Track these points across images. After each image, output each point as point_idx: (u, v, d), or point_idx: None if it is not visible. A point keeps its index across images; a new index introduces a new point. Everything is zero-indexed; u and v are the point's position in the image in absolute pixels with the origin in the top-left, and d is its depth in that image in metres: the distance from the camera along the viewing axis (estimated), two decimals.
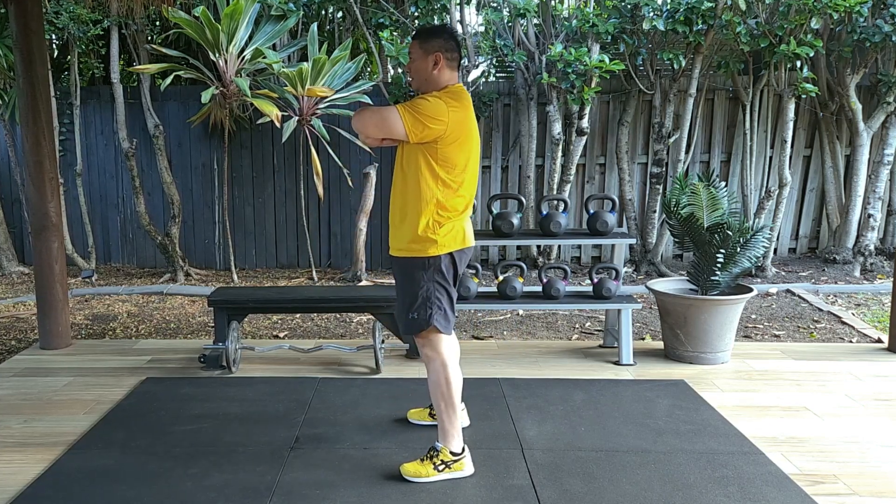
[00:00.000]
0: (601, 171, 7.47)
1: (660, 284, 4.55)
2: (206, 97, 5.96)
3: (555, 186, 6.98)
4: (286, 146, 7.18)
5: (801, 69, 6.23)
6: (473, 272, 4.37)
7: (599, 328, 5.39)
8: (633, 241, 4.62)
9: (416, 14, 6.99)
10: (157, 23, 7.39)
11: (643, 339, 5.06)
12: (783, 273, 6.98)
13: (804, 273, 6.95)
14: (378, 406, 3.64)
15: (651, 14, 6.17)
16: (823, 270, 7.00)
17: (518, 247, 7.45)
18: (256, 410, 3.60)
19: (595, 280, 4.38)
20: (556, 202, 5.40)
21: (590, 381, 4.01)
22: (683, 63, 6.48)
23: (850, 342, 5.00)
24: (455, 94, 2.82)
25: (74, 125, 7.22)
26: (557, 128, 6.80)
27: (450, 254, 2.86)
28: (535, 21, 6.93)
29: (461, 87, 2.89)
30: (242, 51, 6.27)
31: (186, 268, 7.12)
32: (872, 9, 6.36)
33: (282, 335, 5.28)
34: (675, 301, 4.30)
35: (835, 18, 6.03)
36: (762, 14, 6.28)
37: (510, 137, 7.41)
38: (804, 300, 6.11)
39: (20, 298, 6.32)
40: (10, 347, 4.97)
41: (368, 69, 8.26)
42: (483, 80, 7.43)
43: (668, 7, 6.27)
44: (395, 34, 6.74)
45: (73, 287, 6.62)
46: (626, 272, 7.07)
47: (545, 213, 4.40)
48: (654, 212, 7.07)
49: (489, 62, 7.46)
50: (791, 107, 6.61)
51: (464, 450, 2.92)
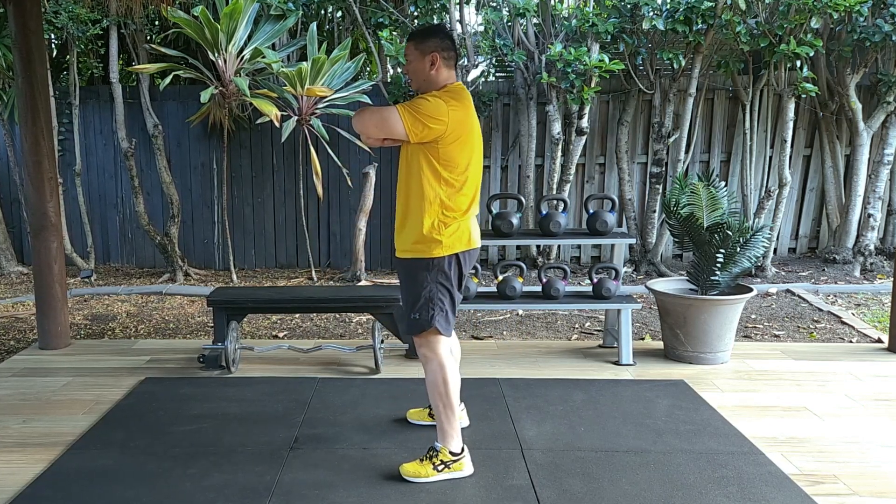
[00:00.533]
0: (601, 171, 7.47)
1: (659, 284, 4.55)
2: (206, 97, 5.96)
3: (554, 186, 6.98)
4: (285, 146, 7.17)
5: (801, 69, 6.23)
6: (473, 272, 4.37)
7: (599, 328, 5.39)
8: (633, 241, 4.62)
9: (416, 14, 6.99)
10: (157, 22, 7.38)
11: (643, 339, 5.06)
12: (783, 273, 6.98)
13: (804, 273, 6.95)
14: (377, 406, 3.64)
15: (651, 14, 6.16)
16: (823, 270, 7.00)
17: (518, 247, 7.45)
18: (256, 410, 3.60)
19: (595, 280, 4.37)
20: (556, 202, 5.39)
21: (589, 382, 4.01)
22: (683, 63, 6.47)
23: (850, 342, 5.00)
24: (455, 93, 2.81)
25: (73, 125, 7.22)
26: (557, 127, 6.80)
27: (455, 255, 2.84)
28: (535, 21, 6.93)
29: (460, 86, 2.88)
30: (242, 50, 6.27)
31: (185, 268, 7.12)
32: (872, 8, 6.35)
33: (281, 335, 5.28)
34: (675, 301, 4.29)
35: (835, 18, 6.02)
36: (762, 13, 6.27)
37: (510, 137, 7.41)
38: (804, 300, 6.11)
39: (19, 298, 6.31)
40: (9, 347, 4.96)
41: (368, 69, 8.26)
42: (482, 80, 7.42)
43: (668, 7, 6.27)
44: (395, 34, 6.73)
45: (72, 287, 6.61)
46: (626, 272, 7.07)
47: (545, 213, 4.40)
48: (654, 212, 7.07)
49: (489, 62, 7.46)
50: (791, 106, 6.60)
51: (463, 450, 2.92)
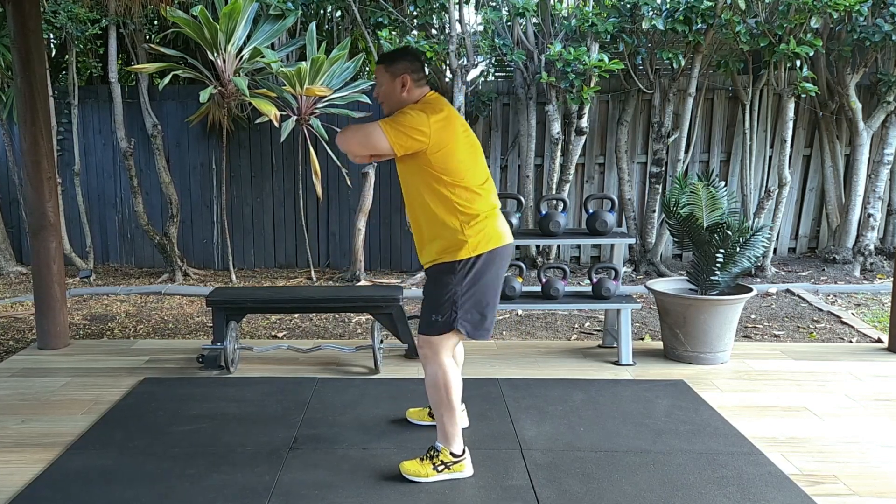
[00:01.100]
0: (600, 171, 7.46)
1: (659, 284, 4.54)
2: (205, 97, 5.95)
3: (554, 186, 6.97)
4: (285, 146, 7.17)
5: (801, 68, 6.23)
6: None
7: (599, 328, 5.38)
8: (633, 241, 4.61)
9: (415, 13, 6.99)
10: (156, 22, 7.37)
11: (642, 339, 5.06)
12: (783, 273, 6.98)
13: (804, 273, 6.95)
14: (377, 406, 3.63)
15: (650, 13, 6.16)
16: (823, 270, 6.99)
17: (517, 246, 7.44)
18: (255, 411, 3.59)
19: (594, 280, 4.37)
20: (556, 202, 5.39)
21: (589, 382, 4.00)
22: (683, 62, 6.47)
23: (850, 342, 5.00)
24: (433, 103, 2.81)
25: (72, 125, 7.21)
26: (556, 127, 6.79)
27: (482, 255, 2.79)
28: (535, 20, 6.92)
29: (436, 95, 2.87)
30: (241, 50, 6.27)
31: (185, 268, 7.11)
32: (872, 8, 6.35)
33: (280, 335, 5.27)
34: (675, 301, 4.29)
35: (834, 17, 6.02)
36: (762, 13, 6.27)
37: (509, 137, 7.40)
38: (804, 300, 6.10)
39: (18, 298, 6.31)
40: (8, 347, 4.96)
41: (367, 68, 8.24)
42: (482, 80, 7.42)
43: (668, 6, 6.27)
44: (394, 33, 6.73)
45: (71, 287, 6.60)
46: (626, 272, 7.06)
47: (544, 213, 4.40)
48: (654, 211, 7.07)
49: (488, 61, 7.45)
50: (791, 106, 6.60)
51: (464, 451, 2.91)
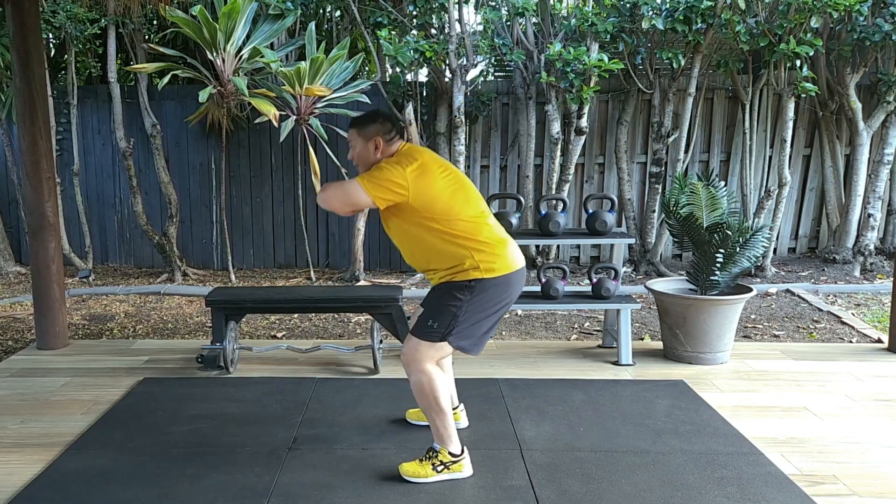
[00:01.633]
0: (600, 171, 7.46)
1: (659, 284, 4.54)
2: (204, 96, 5.94)
3: (553, 186, 6.97)
4: (284, 145, 7.16)
5: (801, 68, 6.22)
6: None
7: (598, 328, 5.38)
8: (632, 241, 4.61)
9: (415, 13, 6.98)
10: (155, 22, 7.37)
11: (642, 340, 5.05)
12: (783, 273, 6.97)
13: (804, 273, 6.94)
14: (376, 406, 3.63)
15: (650, 13, 6.15)
16: (823, 270, 6.99)
17: None
18: (254, 411, 3.59)
19: (594, 280, 4.37)
20: (555, 202, 5.38)
21: (589, 382, 4.00)
22: (683, 62, 6.46)
23: (850, 342, 4.99)
24: (406, 154, 2.85)
25: (71, 124, 7.20)
26: (556, 127, 6.79)
27: (496, 277, 2.78)
28: (534, 20, 6.92)
29: (408, 146, 2.92)
30: (240, 50, 6.26)
31: (184, 268, 7.11)
32: (872, 7, 6.34)
33: (280, 335, 5.27)
34: (675, 301, 4.28)
35: (834, 17, 6.02)
36: (762, 13, 6.26)
37: (509, 137, 7.40)
38: (804, 300, 6.10)
39: (17, 298, 6.30)
40: (7, 348, 4.95)
41: (366, 68, 8.24)
42: (481, 80, 7.41)
43: (668, 6, 6.26)
44: (394, 33, 6.72)
45: (71, 287, 6.60)
46: (625, 272, 7.06)
47: (544, 213, 4.39)
48: (654, 211, 7.06)
49: (487, 61, 7.45)
50: (791, 106, 6.59)
51: (463, 451, 2.91)
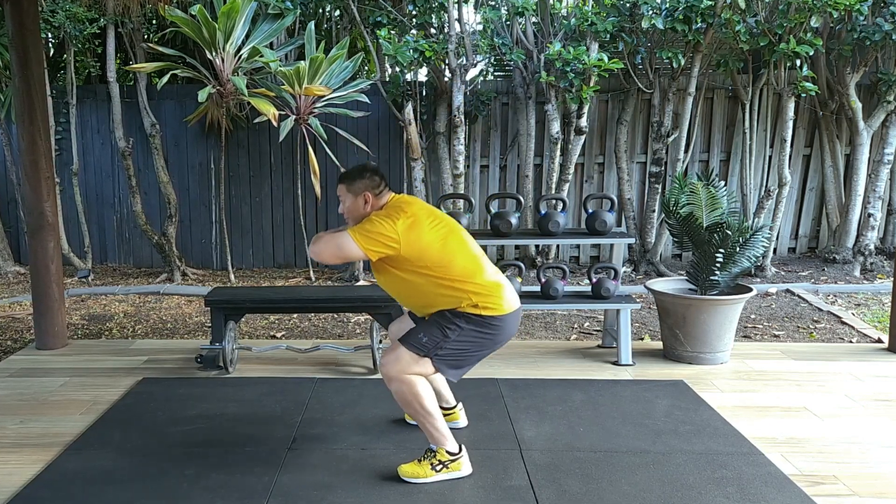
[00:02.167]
0: (600, 171, 7.45)
1: (659, 284, 4.53)
2: (203, 96, 5.93)
3: (553, 186, 6.96)
4: (283, 145, 7.15)
5: (801, 68, 6.21)
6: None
7: (598, 328, 5.38)
8: (632, 241, 4.61)
9: (414, 12, 6.97)
10: (154, 21, 7.36)
11: (642, 340, 5.05)
12: (783, 273, 6.97)
13: (804, 273, 6.94)
14: (376, 406, 3.62)
15: (650, 12, 6.15)
16: (823, 270, 6.99)
17: (516, 246, 7.43)
18: (253, 411, 3.58)
19: (594, 280, 4.36)
20: (555, 201, 5.37)
21: (588, 382, 3.99)
22: (682, 62, 6.46)
23: (850, 342, 4.99)
24: (396, 207, 2.88)
25: (71, 124, 7.20)
26: (556, 127, 6.78)
27: (492, 316, 2.81)
28: (534, 19, 6.91)
29: (397, 198, 2.96)
30: (239, 49, 6.25)
31: (183, 268, 7.10)
32: (872, 7, 6.34)
33: (279, 335, 5.26)
34: (675, 301, 4.28)
35: (835, 17, 6.01)
36: (761, 12, 6.26)
37: (508, 136, 7.39)
38: (804, 300, 6.09)
39: (16, 298, 6.29)
40: (6, 348, 4.95)
41: (366, 68, 8.25)
42: (481, 79, 7.41)
43: (667, 5, 6.25)
44: (393, 33, 6.72)
45: (70, 287, 6.59)
46: (625, 272, 7.05)
47: (544, 213, 4.39)
48: (653, 211, 7.06)
49: (487, 61, 7.44)
50: (791, 106, 6.59)
51: (461, 449, 2.90)
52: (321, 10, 7.30)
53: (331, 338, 5.21)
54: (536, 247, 7.23)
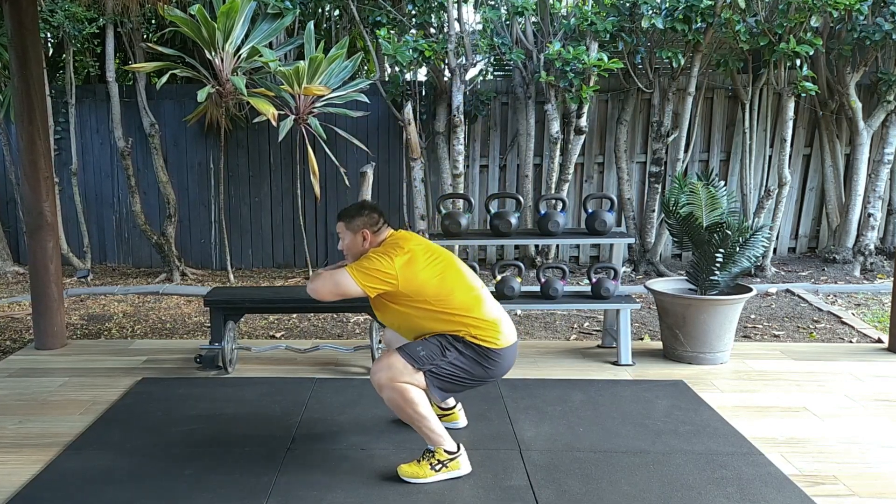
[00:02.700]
0: (600, 171, 7.45)
1: (658, 284, 4.53)
2: (203, 96, 5.93)
3: (553, 185, 6.96)
4: (283, 145, 7.15)
5: (801, 67, 6.21)
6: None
7: (598, 328, 5.37)
8: (632, 241, 4.60)
9: (414, 12, 6.97)
10: (153, 21, 7.35)
11: (642, 340, 5.04)
12: (783, 273, 6.97)
13: (804, 273, 6.94)
14: (375, 406, 3.61)
15: (650, 12, 6.14)
16: (823, 270, 6.98)
17: (516, 246, 7.43)
18: (253, 411, 3.58)
19: (593, 280, 4.36)
20: (555, 201, 5.36)
21: (588, 382, 3.99)
22: (682, 61, 6.45)
23: (850, 342, 4.98)
24: (393, 244, 2.90)
25: (70, 124, 7.19)
26: (556, 127, 6.78)
27: (490, 349, 2.82)
28: (534, 19, 6.91)
29: (395, 235, 2.97)
30: (238, 49, 6.25)
31: (182, 267, 7.09)
32: (873, 7, 6.34)
33: (278, 335, 5.26)
34: (674, 301, 4.27)
35: (835, 16, 6.01)
36: (761, 12, 6.25)
37: (508, 136, 7.39)
38: (804, 300, 6.09)
39: (15, 298, 6.29)
40: (5, 348, 4.94)
41: (365, 67, 8.24)
42: (481, 79, 7.41)
43: (667, 5, 6.25)
44: (393, 32, 6.71)
45: (69, 287, 6.58)
46: (625, 272, 7.05)
47: (543, 213, 4.38)
48: (653, 211, 7.05)
49: (487, 61, 7.44)
50: (791, 105, 6.58)
51: (459, 448, 2.90)
52: (320, 10, 7.30)
53: (330, 338, 5.20)
54: (536, 247, 7.22)
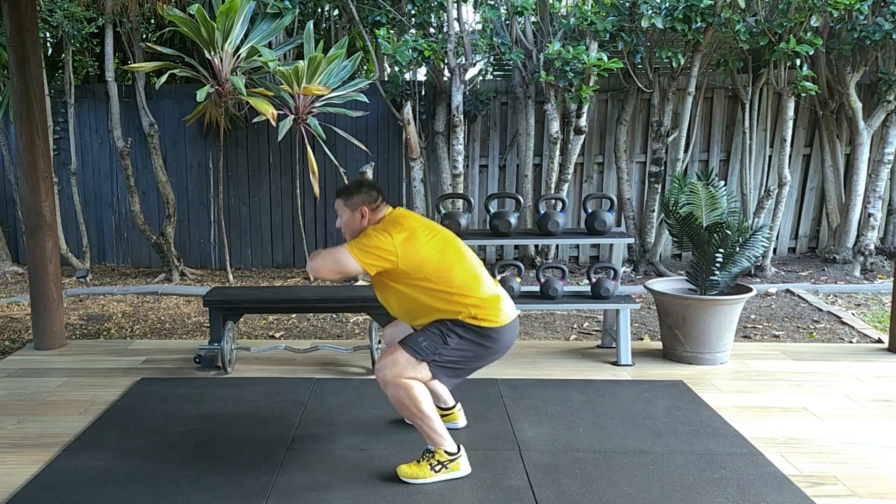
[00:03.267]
0: (599, 170, 7.44)
1: (658, 284, 4.52)
2: (202, 96, 5.92)
3: (553, 185, 6.95)
4: (282, 145, 7.15)
5: (801, 67, 6.21)
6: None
7: (598, 328, 5.37)
8: (632, 241, 4.60)
9: (413, 12, 6.96)
10: (152, 21, 7.34)
11: (641, 340, 5.04)
12: (783, 273, 6.96)
13: (804, 273, 6.93)
14: (374, 407, 3.61)
15: (650, 12, 6.14)
16: (823, 270, 6.98)
17: (516, 246, 7.42)
18: (252, 411, 3.57)
19: (593, 280, 4.35)
20: (554, 201, 5.36)
21: (588, 382, 3.98)
22: (682, 61, 6.45)
23: (850, 342, 4.98)
24: (393, 221, 2.89)
25: (69, 124, 7.19)
26: (555, 126, 6.77)
27: (490, 328, 2.82)
28: (533, 19, 6.90)
29: (394, 213, 2.96)
30: (238, 49, 6.24)
31: (181, 267, 7.09)
32: (873, 6, 6.33)
33: (277, 335, 5.25)
34: (674, 301, 4.27)
35: (835, 16, 6.01)
36: (761, 12, 6.25)
37: (507, 136, 7.38)
38: (804, 300, 6.09)
39: (14, 298, 6.28)
40: (4, 348, 4.93)
41: (365, 67, 8.24)
42: (480, 79, 7.40)
43: (667, 4, 6.25)
44: (392, 32, 6.70)
45: (68, 287, 6.58)
46: (625, 272, 7.05)
47: (543, 213, 4.38)
48: (653, 211, 7.05)
49: (486, 60, 7.43)
50: (791, 105, 6.58)
51: (459, 449, 2.90)
52: (320, 10, 7.29)
53: (329, 338, 5.20)
54: (536, 247, 7.22)
